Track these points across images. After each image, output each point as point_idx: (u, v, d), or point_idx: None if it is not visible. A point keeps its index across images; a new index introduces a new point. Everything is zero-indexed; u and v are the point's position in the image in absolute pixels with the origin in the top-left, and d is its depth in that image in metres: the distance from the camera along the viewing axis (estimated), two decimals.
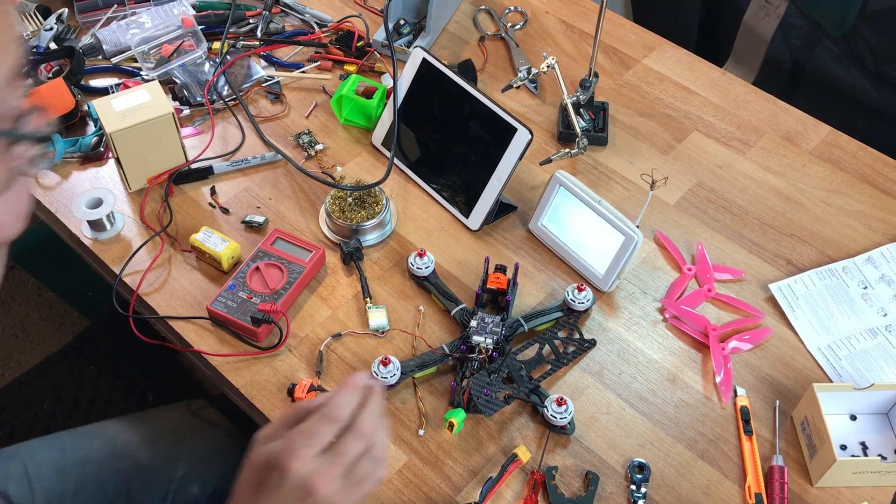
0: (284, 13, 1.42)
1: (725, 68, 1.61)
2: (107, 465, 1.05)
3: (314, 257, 1.08)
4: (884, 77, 1.75)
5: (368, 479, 0.74)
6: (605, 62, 1.37)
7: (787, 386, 1.01)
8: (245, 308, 1.02)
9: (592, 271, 1.08)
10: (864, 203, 1.19)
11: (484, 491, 0.90)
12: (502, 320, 1.01)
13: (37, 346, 1.84)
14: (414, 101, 1.20)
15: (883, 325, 1.06)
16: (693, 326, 1.05)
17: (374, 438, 0.74)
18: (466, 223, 1.15)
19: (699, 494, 0.92)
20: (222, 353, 1.02)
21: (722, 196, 1.19)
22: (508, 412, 0.98)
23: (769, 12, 1.88)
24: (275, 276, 1.06)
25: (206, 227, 1.10)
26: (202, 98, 1.27)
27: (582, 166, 1.23)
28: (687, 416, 0.98)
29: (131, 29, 1.35)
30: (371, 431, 0.73)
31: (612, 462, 0.94)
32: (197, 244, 1.08)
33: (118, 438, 1.08)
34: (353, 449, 0.72)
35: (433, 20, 1.34)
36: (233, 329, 1.03)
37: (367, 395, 0.75)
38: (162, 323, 1.07)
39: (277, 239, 1.10)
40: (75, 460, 1.04)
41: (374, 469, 0.74)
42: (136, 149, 1.13)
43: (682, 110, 1.30)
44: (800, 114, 1.30)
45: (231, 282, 1.05)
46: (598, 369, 1.02)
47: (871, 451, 0.96)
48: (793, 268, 1.12)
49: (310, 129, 1.26)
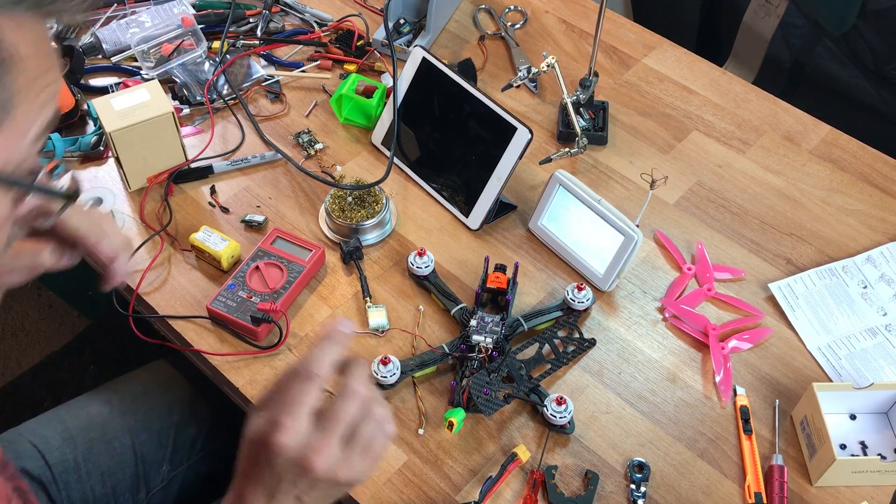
0: (284, 12, 1.42)
1: (725, 68, 1.61)
2: (109, 424, 1.08)
3: (314, 257, 1.08)
4: (884, 77, 1.75)
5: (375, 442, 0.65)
6: (605, 61, 1.37)
7: (787, 385, 1.01)
8: (245, 307, 1.02)
9: (592, 271, 1.08)
10: (863, 202, 1.19)
11: (483, 490, 0.90)
12: (502, 319, 1.01)
13: (37, 345, 1.84)
14: (414, 100, 1.20)
15: (883, 325, 1.06)
16: (693, 326, 1.05)
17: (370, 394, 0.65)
18: (466, 222, 1.15)
19: (699, 494, 0.92)
20: (222, 353, 1.02)
21: (722, 195, 1.19)
22: (508, 411, 0.98)
23: (769, 12, 1.88)
24: (275, 276, 1.06)
25: (206, 226, 1.10)
26: (202, 97, 1.27)
27: (582, 166, 1.23)
28: (687, 415, 0.98)
29: (131, 28, 1.35)
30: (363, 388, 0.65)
31: (612, 461, 0.94)
32: (197, 243, 1.08)
33: (112, 400, 1.11)
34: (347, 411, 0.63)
35: (433, 19, 1.34)
36: (232, 328, 1.03)
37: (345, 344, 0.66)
38: (162, 322, 1.07)
39: (277, 238, 1.10)
40: (78, 427, 1.07)
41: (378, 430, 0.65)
42: (135, 148, 1.13)
43: (682, 110, 1.30)
44: (800, 113, 1.30)
45: (231, 281, 1.05)
46: (598, 369, 1.02)
47: (870, 450, 0.96)
48: (793, 267, 1.12)
49: (309, 129, 1.26)
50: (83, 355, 1.74)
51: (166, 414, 1.11)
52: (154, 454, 1.09)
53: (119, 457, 1.07)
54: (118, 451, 1.07)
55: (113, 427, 1.08)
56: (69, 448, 1.05)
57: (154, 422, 1.10)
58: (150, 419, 1.10)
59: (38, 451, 1.04)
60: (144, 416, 1.10)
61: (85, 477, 1.04)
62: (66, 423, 1.07)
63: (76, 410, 1.10)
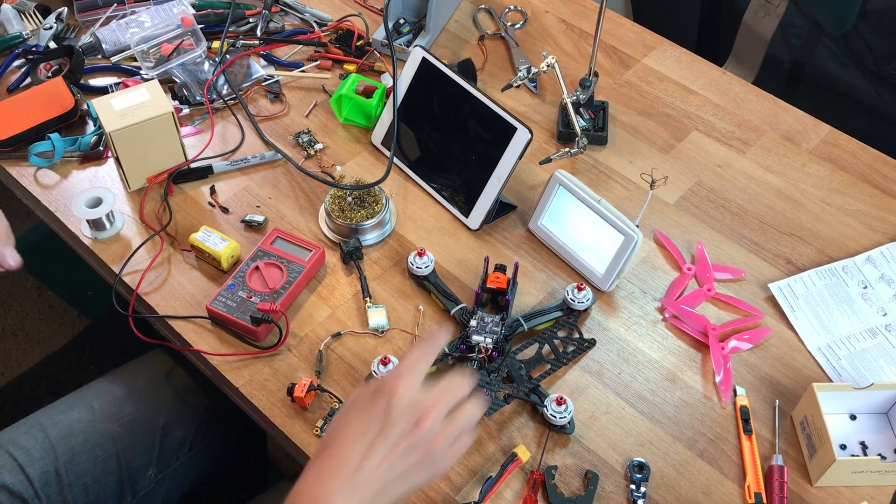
0: (284, 12, 1.42)
1: (725, 68, 1.61)
2: (91, 431, 1.06)
3: (314, 257, 1.08)
4: (884, 77, 1.75)
5: (463, 437, 0.74)
6: (605, 61, 1.37)
7: (787, 385, 1.01)
8: (245, 307, 1.02)
9: (592, 271, 1.08)
10: (863, 202, 1.19)
11: (483, 490, 0.90)
12: (502, 320, 1.01)
13: (36, 345, 1.84)
14: (414, 100, 1.20)
15: (883, 325, 1.06)
16: (693, 326, 1.05)
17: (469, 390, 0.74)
18: (466, 222, 1.15)
19: (699, 494, 0.92)
20: (222, 353, 1.02)
21: (722, 195, 1.19)
22: (508, 411, 0.98)
23: (769, 12, 1.88)
24: (274, 276, 1.06)
25: (206, 226, 1.10)
26: (202, 97, 1.27)
27: (582, 166, 1.23)
28: (686, 415, 0.98)
29: (131, 28, 1.35)
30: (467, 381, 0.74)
31: (612, 461, 0.94)
32: (196, 243, 1.08)
33: (94, 403, 1.10)
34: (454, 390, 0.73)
35: (433, 19, 1.34)
36: (232, 328, 1.03)
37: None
38: (161, 322, 1.06)
39: (277, 238, 1.10)
40: (58, 435, 1.05)
41: (467, 426, 0.73)
42: (135, 148, 1.13)
43: (682, 110, 1.30)
44: (800, 113, 1.30)
45: (231, 281, 1.05)
46: (598, 369, 1.02)
47: (870, 450, 0.96)
48: (793, 267, 1.12)
49: (309, 129, 1.26)
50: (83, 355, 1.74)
51: (152, 417, 1.10)
52: (139, 458, 1.08)
53: (102, 464, 1.05)
54: (101, 459, 1.05)
55: (95, 433, 1.06)
56: (49, 459, 1.03)
57: (139, 426, 1.09)
58: (134, 423, 1.09)
59: (18, 464, 1.02)
60: (130, 420, 1.09)
61: (67, 488, 1.03)
62: (47, 431, 1.06)
63: (56, 416, 1.08)
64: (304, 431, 0.95)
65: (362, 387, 0.75)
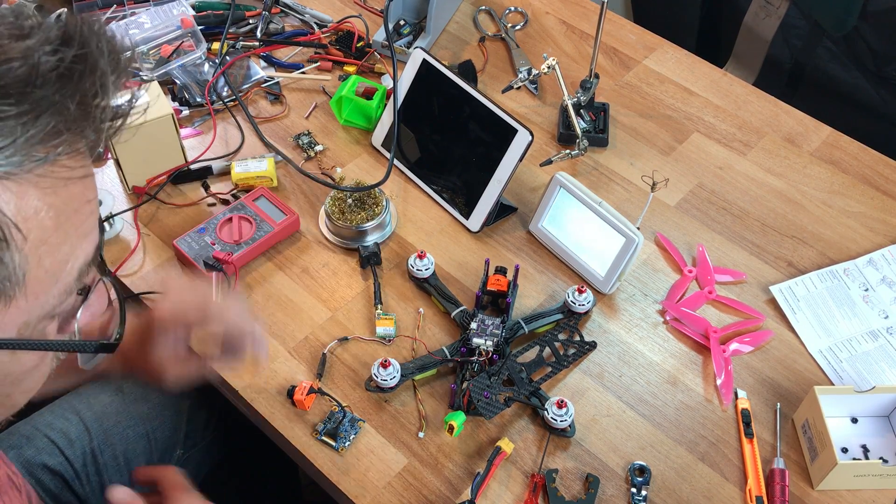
0: (284, 13, 1.42)
1: (726, 69, 1.61)
2: (123, 413, 1.08)
3: (286, 222, 1.10)
4: (884, 78, 1.75)
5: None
6: (606, 63, 1.37)
7: (788, 388, 1.00)
8: (206, 253, 1.05)
9: (593, 273, 1.08)
10: (865, 205, 1.19)
11: (474, 487, 0.90)
12: (502, 322, 1.01)
13: None
14: (414, 102, 1.20)
15: (884, 328, 1.06)
16: (694, 328, 1.05)
17: None
18: (467, 224, 1.15)
19: (700, 497, 0.92)
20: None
21: (723, 197, 1.19)
22: (508, 415, 0.97)
23: (770, 13, 1.88)
24: (244, 230, 1.09)
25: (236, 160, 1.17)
26: (202, 99, 1.26)
27: (582, 167, 1.22)
28: (688, 418, 0.98)
29: (130, 29, 1.35)
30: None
31: (613, 465, 0.94)
32: (240, 179, 1.14)
33: (124, 387, 1.11)
34: None
35: (433, 21, 1.34)
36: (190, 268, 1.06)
37: None
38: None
39: (261, 196, 1.13)
40: (92, 417, 1.07)
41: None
42: (135, 150, 1.13)
43: (683, 111, 1.30)
44: (800, 115, 1.30)
45: (202, 225, 1.09)
46: (599, 371, 1.02)
47: (872, 454, 0.95)
48: (794, 270, 1.12)
49: (309, 130, 1.26)
50: None
51: (178, 398, 1.11)
52: (168, 439, 1.09)
53: (133, 444, 1.07)
54: (132, 439, 1.07)
55: (127, 414, 1.08)
56: (85, 441, 1.05)
57: (167, 407, 1.10)
58: (162, 404, 1.10)
59: (57, 446, 1.03)
60: (158, 401, 1.10)
61: (103, 468, 1.04)
62: (81, 414, 1.07)
63: (88, 399, 1.09)
64: (305, 434, 0.95)
65: None
